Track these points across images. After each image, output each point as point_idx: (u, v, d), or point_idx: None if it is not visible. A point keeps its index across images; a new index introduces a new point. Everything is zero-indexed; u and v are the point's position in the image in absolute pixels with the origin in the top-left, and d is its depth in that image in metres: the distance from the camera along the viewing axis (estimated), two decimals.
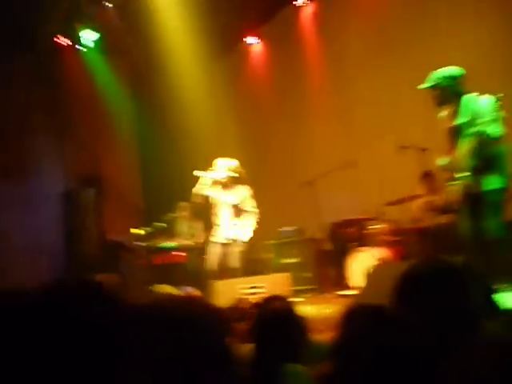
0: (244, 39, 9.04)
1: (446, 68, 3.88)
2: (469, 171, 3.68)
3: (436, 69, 3.92)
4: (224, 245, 5.64)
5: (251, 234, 5.64)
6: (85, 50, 8.03)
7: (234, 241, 5.62)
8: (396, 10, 6.86)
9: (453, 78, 3.80)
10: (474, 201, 3.71)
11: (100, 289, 1.02)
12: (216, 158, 5.85)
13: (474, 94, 3.74)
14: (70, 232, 7.87)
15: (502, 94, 3.50)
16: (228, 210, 5.70)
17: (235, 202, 5.66)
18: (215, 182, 5.67)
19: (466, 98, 3.75)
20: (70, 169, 8.45)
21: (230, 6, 6.99)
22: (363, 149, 6.82)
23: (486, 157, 3.61)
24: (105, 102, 8.40)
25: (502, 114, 3.57)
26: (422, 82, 5.93)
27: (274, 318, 1.97)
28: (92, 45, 8.10)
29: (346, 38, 7.54)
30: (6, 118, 7.60)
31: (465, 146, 3.63)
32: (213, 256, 5.62)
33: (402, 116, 6.58)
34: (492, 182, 3.61)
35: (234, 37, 8.71)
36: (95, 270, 7.43)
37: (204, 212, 6.06)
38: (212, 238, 5.76)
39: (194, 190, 5.67)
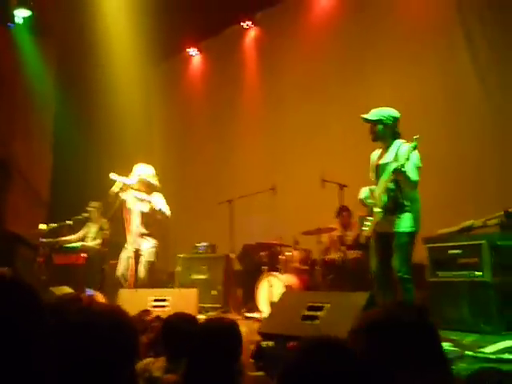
0: (187, 50, 8.90)
1: (389, 108, 3.99)
2: (383, 210, 3.86)
3: (365, 111, 4.00)
4: (134, 252, 5.45)
5: (155, 243, 5.51)
6: (13, 26, 7.48)
7: (142, 250, 5.46)
8: (335, 48, 7.06)
9: (395, 119, 3.94)
10: (384, 240, 3.87)
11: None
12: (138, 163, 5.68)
13: (403, 140, 3.92)
14: None
15: (418, 136, 3.64)
16: (139, 217, 5.53)
17: (145, 210, 5.50)
18: (128, 188, 5.47)
19: (397, 141, 3.92)
20: None
21: (177, 14, 6.89)
22: (286, 177, 6.96)
23: (402, 199, 3.81)
24: (26, 85, 7.86)
25: (420, 162, 3.79)
26: (351, 121, 6.10)
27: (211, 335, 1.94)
28: (21, 22, 7.59)
29: (283, 67, 7.71)
30: None
31: (384, 186, 3.81)
32: (122, 262, 5.41)
33: (327, 151, 6.81)
34: (403, 225, 3.78)
35: (176, 46, 8.58)
36: None
37: (115, 216, 5.83)
38: (125, 245, 5.54)
39: (110, 191, 5.46)
